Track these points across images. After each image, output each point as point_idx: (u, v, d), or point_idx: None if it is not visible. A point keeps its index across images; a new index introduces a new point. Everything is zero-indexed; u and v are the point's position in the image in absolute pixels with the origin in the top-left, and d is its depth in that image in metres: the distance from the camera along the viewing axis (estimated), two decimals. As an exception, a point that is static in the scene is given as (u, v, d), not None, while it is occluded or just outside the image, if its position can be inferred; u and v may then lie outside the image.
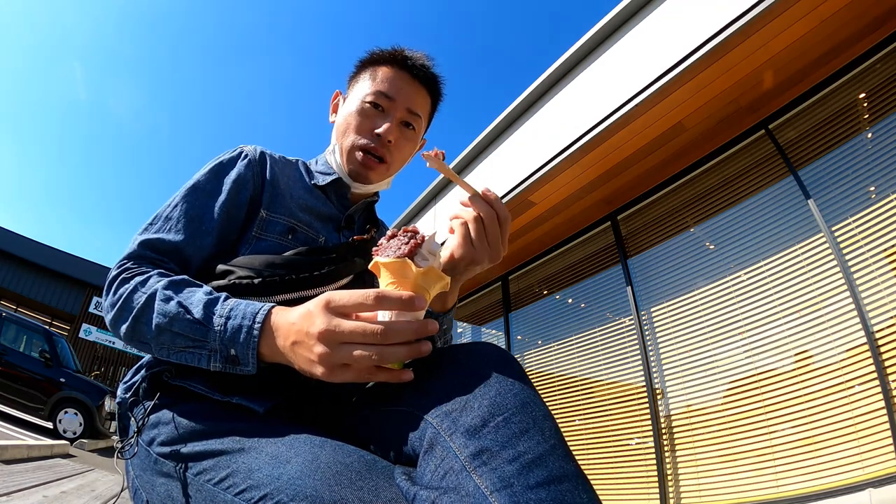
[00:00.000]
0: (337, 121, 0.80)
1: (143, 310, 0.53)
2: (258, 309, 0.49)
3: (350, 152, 0.75)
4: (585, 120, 3.28)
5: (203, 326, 0.50)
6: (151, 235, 0.62)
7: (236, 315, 0.49)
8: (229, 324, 0.49)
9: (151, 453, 0.53)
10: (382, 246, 0.48)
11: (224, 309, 0.50)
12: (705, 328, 3.00)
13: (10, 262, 12.27)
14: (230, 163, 0.71)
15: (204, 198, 0.66)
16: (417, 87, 0.77)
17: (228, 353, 0.49)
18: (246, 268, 0.61)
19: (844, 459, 2.21)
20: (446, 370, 0.46)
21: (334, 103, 0.84)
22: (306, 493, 0.39)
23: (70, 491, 2.28)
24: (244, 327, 0.48)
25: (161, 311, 0.52)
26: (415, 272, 0.45)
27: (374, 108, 0.74)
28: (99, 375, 12.44)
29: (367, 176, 0.76)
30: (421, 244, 0.47)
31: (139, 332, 0.54)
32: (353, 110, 0.76)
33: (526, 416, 0.39)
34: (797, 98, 2.84)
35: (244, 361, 0.49)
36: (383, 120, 0.74)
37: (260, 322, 0.48)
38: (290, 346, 0.46)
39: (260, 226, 0.68)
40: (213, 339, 0.49)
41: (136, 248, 0.61)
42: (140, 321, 0.53)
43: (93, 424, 5.52)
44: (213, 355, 0.50)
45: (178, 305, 0.51)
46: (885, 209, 2.37)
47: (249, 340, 0.48)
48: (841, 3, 2.33)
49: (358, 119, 0.75)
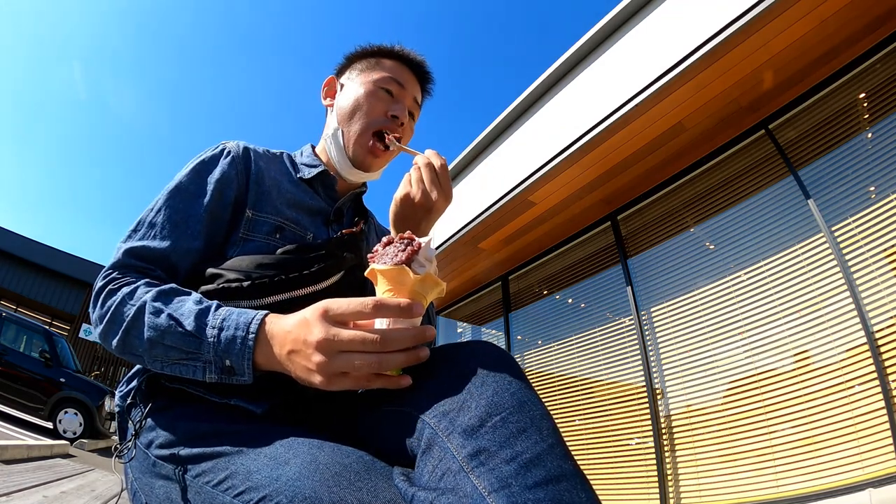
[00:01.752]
0: (340, 104, 0.78)
1: (132, 323, 0.52)
2: (251, 318, 0.49)
3: (360, 135, 0.74)
4: (585, 120, 3.28)
5: (196, 339, 0.49)
6: (136, 243, 0.60)
7: (229, 325, 0.49)
8: (223, 335, 0.48)
9: (150, 456, 0.53)
10: (378, 253, 0.48)
11: (216, 319, 0.49)
12: (705, 328, 3.00)
13: (10, 262, 12.27)
14: (212, 161, 0.68)
15: (188, 200, 0.64)
16: (417, 84, 0.80)
17: (224, 365, 0.48)
18: (234, 270, 0.60)
19: (844, 459, 2.21)
20: (444, 370, 0.46)
21: (329, 88, 0.83)
22: (305, 495, 0.39)
23: (70, 491, 2.28)
24: (238, 338, 0.48)
25: (151, 325, 0.50)
26: (412, 279, 0.45)
27: (388, 94, 0.76)
28: (99, 375, 12.44)
29: (370, 163, 0.76)
30: (418, 251, 0.46)
31: (130, 345, 0.53)
32: (363, 93, 0.75)
33: (523, 416, 0.39)
34: (797, 98, 2.84)
35: (240, 372, 0.48)
36: (397, 104, 0.76)
37: (254, 332, 0.48)
38: (286, 355, 0.46)
39: (247, 226, 0.66)
40: (207, 351, 0.49)
41: (122, 256, 0.59)
42: (130, 334, 0.52)
43: (93, 424, 5.52)
44: (208, 367, 0.49)
45: (169, 318, 0.50)
46: (885, 209, 2.36)
47: (244, 351, 0.47)
48: (841, 3, 2.33)
49: (370, 101, 0.75)
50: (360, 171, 0.76)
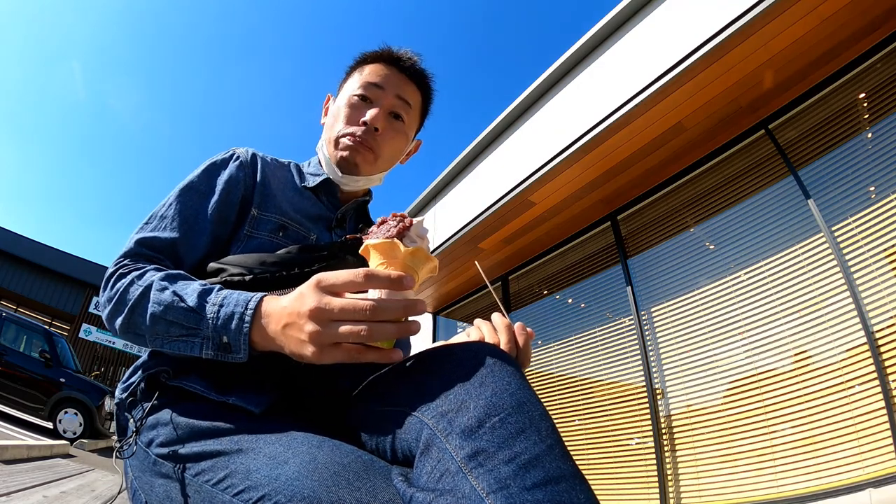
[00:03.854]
0: (327, 121, 0.82)
1: (139, 301, 0.54)
2: (250, 297, 0.50)
3: (337, 141, 0.77)
4: (585, 120, 3.28)
5: (196, 314, 0.51)
6: (147, 234, 0.64)
7: (229, 303, 0.50)
8: (222, 311, 0.50)
9: (150, 454, 0.53)
10: (373, 231, 0.50)
11: (217, 297, 0.51)
12: (705, 328, 3.00)
13: (10, 262, 12.28)
14: (223, 164, 0.73)
15: (197, 198, 0.68)
16: (405, 80, 0.79)
17: (220, 341, 0.49)
18: (237, 265, 0.62)
19: (844, 459, 2.21)
20: (443, 370, 0.46)
21: (326, 107, 0.86)
22: (304, 494, 0.39)
23: (70, 491, 2.28)
24: (236, 314, 0.49)
25: (156, 301, 0.53)
26: (403, 252, 0.46)
27: (363, 100, 0.77)
28: (99, 375, 12.45)
29: (355, 161, 0.76)
30: (409, 227, 0.48)
31: (134, 324, 0.55)
32: (341, 105, 0.78)
33: (522, 416, 0.39)
34: (797, 98, 2.84)
35: (236, 349, 0.49)
36: (370, 108, 0.76)
37: (252, 309, 0.49)
38: (281, 330, 0.47)
39: (251, 224, 0.69)
40: (206, 327, 0.50)
41: (133, 245, 0.63)
42: (136, 312, 0.54)
43: (93, 424, 5.52)
44: (205, 343, 0.50)
45: (173, 294, 0.52)
46: (885, 209, 2.36)
47: (241, 327, 0.48)
48: (841, 3, 2.33)
49: (346, 111, 0.77)
50: (354, 176, 0.78)
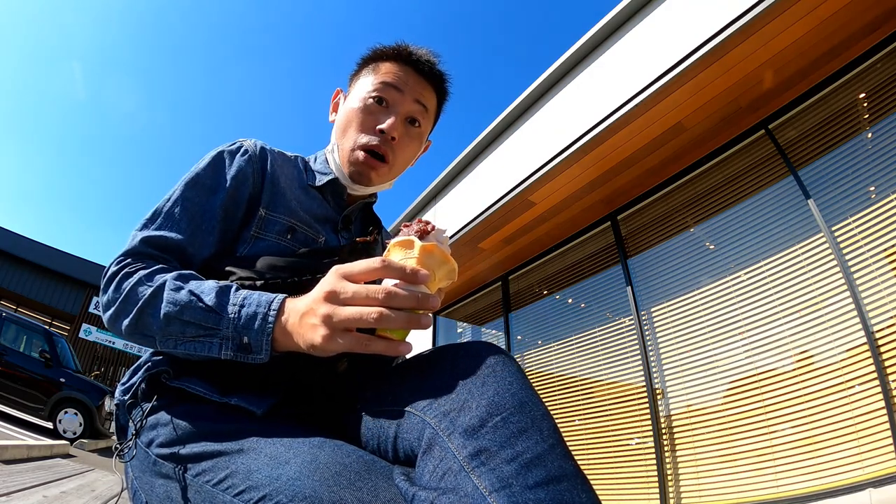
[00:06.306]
0: (337, 120, 0.77)
1: (149, 301, 0.52)
2: (273, 297, 0.50)
3: (351, 152, 0.71)
4: (585, 120, 3.28)
5: (216, 314, 0.50)
6: (153, 232, 0.61)
7: (251, 303, 0.50)
8: (243, 311, 0.49)
9: (150, 455, 0.53)
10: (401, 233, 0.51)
11: (238, 297, 0.50)
12: (705, 328, 3.00)
13: (10, 262, 12.27)
14: (230, 157, 0.68)
15: (204, 194, 0.65)
16: (423, 83, 0.73)
17: (241, 341, 0.49)
18: (247, 269, 0.60)
19: (844, 459, 2.21)
20: (445, 370, 0.46)
21: (335, 102, 0.81)
22: (305, 494, 0.39)
23: (70, 491, 2.28)
24: (259, 314, 0.49)
25: (171, 300, 0.51)
26: (418, 248, 0.47)
27: (378, 103, 0.71)
28: (99, 375, 12.44)
29: (369, 177, 0.72)
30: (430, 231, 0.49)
31: (143, 325, 0.53)
32: (354, 107, 0.72)
33: (524, 416, 0.39)
34: (797, 98, 2.84)
35: (257, 349, 0.49)
36: (387, 115, 0.70)
37: (275, 310, 0.49)
38: (299, 321, 0.47)
39: (259, 225, 0.66)
40: (227, 327, 0.49)
41: (137, 244, 0.59)
42: (145, 313, 0.52)
43: (93, 424, 5.52)
44: (224, 343, 0.50)
45: (190, 294, 0.51)
46: (885, 209, 2.36)
47: (265, 327, 0.48)
48: (841, 3, 2.33)
49: (360, 116, 0.71)
50: (362, 186, 0.74)
